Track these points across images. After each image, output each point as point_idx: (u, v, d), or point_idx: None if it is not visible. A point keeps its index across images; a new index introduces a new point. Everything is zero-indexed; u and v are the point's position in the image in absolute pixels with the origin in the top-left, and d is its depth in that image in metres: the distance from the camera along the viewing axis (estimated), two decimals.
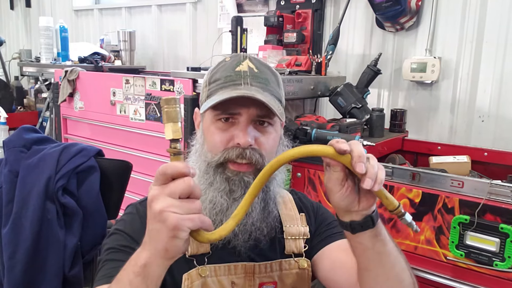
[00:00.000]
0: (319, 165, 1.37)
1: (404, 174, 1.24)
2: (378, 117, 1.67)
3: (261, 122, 0.79)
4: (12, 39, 4.13)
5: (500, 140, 1.74)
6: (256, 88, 0.77)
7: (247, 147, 0.76)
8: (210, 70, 0.84)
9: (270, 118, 0.79)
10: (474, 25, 1.76)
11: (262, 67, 0.82)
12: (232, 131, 0.78)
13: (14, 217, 1.12)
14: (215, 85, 0.79)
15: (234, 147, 0.77)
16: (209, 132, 0.80)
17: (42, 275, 1.11)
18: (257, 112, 0.77)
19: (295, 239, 0.88)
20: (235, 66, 0.79)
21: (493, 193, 1.10)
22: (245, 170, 0.77)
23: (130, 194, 2.01)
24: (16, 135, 1.21)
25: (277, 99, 0.80)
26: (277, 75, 0.84)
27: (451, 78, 1.84)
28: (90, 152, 1.18)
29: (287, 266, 0.85)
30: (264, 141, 0.79)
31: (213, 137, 0.79)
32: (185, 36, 2.82)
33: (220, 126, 0.78)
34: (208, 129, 0.80)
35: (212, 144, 0.79)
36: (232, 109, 0.77)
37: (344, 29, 2.01)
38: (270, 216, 0.82)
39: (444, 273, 1.17)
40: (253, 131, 0.78)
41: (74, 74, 2.21)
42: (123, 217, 0.86)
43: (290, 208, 0.92)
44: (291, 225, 0.89)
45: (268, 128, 0.80)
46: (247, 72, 0.79)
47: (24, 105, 3.23)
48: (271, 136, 0.81)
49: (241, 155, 0.76)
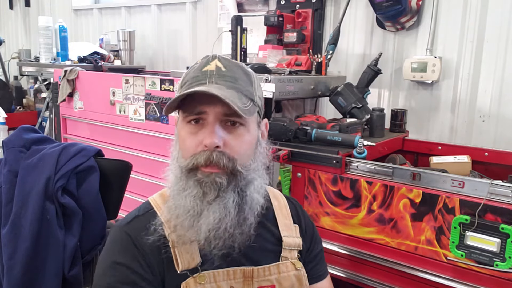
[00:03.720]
0: (319, 165, 1.36)
1: (404, 174, 1.24)
2: (379, 117, 1.66)
3: (231, 122, 0.76)
4: (11, 39, 4.12)
5: (501, 140, 1.74)
6: (220, 85, 0.75)
7: (214, 149, 0.74)
8: (183, 74, 0.83)
9: (238, 116, 0.75)
10: (475, 24, 1.76)
11: (232, 66, 0.79)
12: (201, 134, 0.76)
13: (14, 217, 1.12)
14: (185, 87, 0.78)
15: (202, 151, 0.75)
16: (180, 137, 0.79)
17: (42, 276, 1.11)
18: (223, 110, 0.74)
19: (290, 250, 0.87)
20: (203, 67, 0.78)
21: (494, 193, 1.10)
22: (216, 171, 0.75)
23: (130, 194, 2.00)
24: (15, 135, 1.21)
25: (246, 97, 0.77)
26: (249, 74, 0.82)
27: (451, 78, 1.84)
28: (90, 152, 1.18)
29: (284, 268, 0.85)
30: (234, 143, 0.76)
31: (184, 142, 0.78)
32: (185, 36, 2.81)
33: (191, 129, 0.77)
34: (180, 134, 0.79)
35: (183, 149, 0.78)
36: (198, 108, 0.75)
37: (344, 29, 2.00)
38: (246, 223, 0.78)
39: (445, 274, 1.16)
40: (221, 131, 0.75)
41: (73, 74, 2.21)
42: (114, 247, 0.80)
43: (286, 215, 0.91)
44: (288, 235, 0.88)
45: (239, 129, 0.77)
46: (214, 71, 0.77)
47: (23, 105, 3.23)
48: (243, 138, 0.78)
49: (209, 160, 0.74)
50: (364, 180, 1.28)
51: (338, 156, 1.33)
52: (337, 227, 1.34)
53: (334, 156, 1.33)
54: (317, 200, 1.38)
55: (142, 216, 0.83)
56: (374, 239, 1.27)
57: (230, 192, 0.76)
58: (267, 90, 1.53)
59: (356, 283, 1.33)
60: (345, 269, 1.34)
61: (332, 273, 1.37)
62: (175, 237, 0.77)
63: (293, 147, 1.42)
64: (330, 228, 1.36)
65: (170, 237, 0.78)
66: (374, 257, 1.28)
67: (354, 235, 1.31)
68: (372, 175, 1.30)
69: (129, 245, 0.78)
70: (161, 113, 1.86)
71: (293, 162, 1.42)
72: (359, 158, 1.35)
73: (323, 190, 1.36)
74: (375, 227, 1.27)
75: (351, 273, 1.33)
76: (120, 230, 0.82)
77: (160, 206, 0.84)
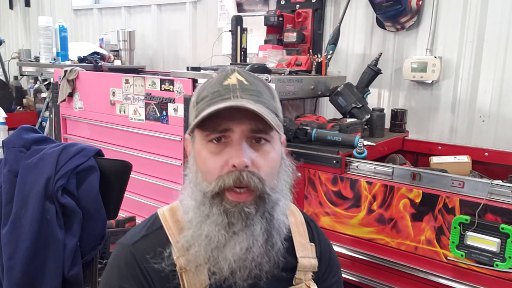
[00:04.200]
0: (319, 165, 1.36)
1: (404, 174, 1.24)
2: (379, 117, 1.66)
3: (257, 139, 0.70)
4: (11, 39, 4.12)
5: (501, 140, 1.74)
6: (247, 100, 0.69)
7: (244, 169, 0.67)
8: (197, 89, 0.77)
9: (266, 133, 0.70)
10: (475, 24, 1.76)
11: (253, 80, 0.74)
12: (225, 153, 0.69)
13: (14, 217, 1.12)
14: (203, 103, 0.71)
15: (230, 172, 0.68)
16: (200, 158, 0.72)
17: (42, 276, 1.11)
18: (251, 126, 0.69)
19: (305, 272, 0.81)
20: (223, 80, 0.72)
21: (494, 193, 1.10)
22: (244, 199, 0.69)
23: (130, 194, 2.00)
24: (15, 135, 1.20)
25: (272, 112, 0.72)
26: (270, 88, 0.77)
27: (451, 78, 1.84)
28: (90, 152, 1.18)
29: None
30: (262, 162, 0.70)
31: (206, 163, 0.70)
32: (185, 36, 2.81)
33: (212, 148, 0.70)
34: (199, 155, 0.72)
35: (205, 171, 0.71)
36: (223, 125, 0.68)
37: (344, 29, 2.00)
38: (274, 249, 0.73)
39: (445, 274, 1.16)
40: (249, 149, 0.69)
41: (73, 74, 2.21)
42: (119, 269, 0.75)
43: (302, 233, 0.85)
44: (304, 255, 0.82)
45: (265, 146, 0.71)
46: (236, 85, 0.71)
47: (23, 105, 3.23)
48: (270, 155, 0.72)
49: (238, 180, 0.67)
50: (364, 180, 1.28)
51: (338, 156, 1.33)
52: (337, 227, 1.34)
53: (334, 156, 1.34)
54: (317, 200, 1.38)
55: (151, 235, 0.77)
56: (374, 239, 1.27)
57: (257, 219, 0.70)
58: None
59: (356, 283, 1.33)
60: (345, 269, 1.34)
61: None
62: (184, 261, 0.73)
63: (293, 147, 1.42)
64: (330, 228, 1.36)
65: (178, 261, 0.73)
66: (374, 257, 1.28)
67: (354, 235, 1.31)
68: (372, 175, 1.30)
69: (135, 269, 0.74)
70: (161, 113, 1.86)
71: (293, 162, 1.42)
72: (359, 158, 1.35)
73: (323, 190, 1.36)
74: (375, 227, 1.27)
75: (351, 273, 1.33)
76: (126, 249, 0.76)
77: (169, 223, 0.78)
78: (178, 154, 1.83)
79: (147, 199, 2.01)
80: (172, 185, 1.89)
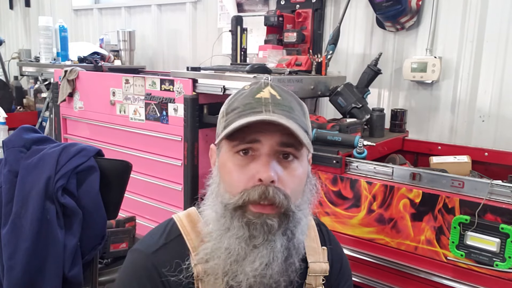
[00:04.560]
0: (319, 165, 1.36)
1: (404, 174, 1.24)
2: (379, 117, 1.66)
3: (285, 155, 0.69)
4: (12, 39, 4.12)
5: (500, 140, 1.74)
6: (279, 115, 0.68)
7: (270, 184, 0.66)
8: (227, 100, 0.75)
9: (296, 149, 0.69)
10: (475, 24, 1.76)
11: (286, 95, 0.73)
12: (252, 167, 0.68)
13: (14, 217, 1.12)
14: (233, 114, 0.70)
15: (255, 186, 0.67)
16: (225, 170, 0.71)
17: (42, 276, 1.11)
18: (281, 139, 0.68)
19: (316, 276, 0.80)
20: (255, 93, 0.71)
21: (494, 193, 1.10)
22: (268, 212, 0.67)
23: (130, 194, 2.00)
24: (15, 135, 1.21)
25: (303, 129, 0.70)
26: (302, 105, 0.76)
27: (451, 78, 1.84)
28: (90, 152, 1.18)
29: None
30: (288, 178, 0.69)
31: (231, 175, 0.69)
32: (185, 36, 2.81)
33: (238, 161, 0.69)
34: (224, 166, 0.71)
35: (229, 183, 0.70)
36: (252, 136, 0.68)
37: (344, 29, 2.00)
38: (292, 269, 0.72)
39: (445, 274, 1.16)
40: (276, 165, 0.68)
41: (73, 74, 2.21)
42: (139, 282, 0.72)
43: (313, 238, 0.84)
44: (314, 260, 0.81)
45: (293, 163, 0.70)
46: (269, 99, 0.70)
47: (23, 105, 3.23)
48: (297, 172, 0.70)
49: (264, 195, 0.66)
50: (364, 180, 1.28)
51: (338, 156, 1.33)
52: (337, 227, 1.34)
53: (334, 156, 1.34)
54: (317, 200, 1.38)
55: (170, 243, 0.75)
56: (374, 239, 1.27)
57: (279, 235, 0.69)
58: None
59: (355, 283, 1.33)
60: None
61: None
62: (201, 269, 0.72)
63: None
64: (330, 228, 1.35)
65: (195, 268, 0.72)
66: (374, 257, 1.28)
67: (354, 235, 1.31)
68: (372, 175, 1.30)
69: (155, 281, 0.72)
70: (161, 113, 1.86)
71: None
72: (359, 158, 1.35)
73: (323, 190, 1.36)
74: (375, 227, 1.27)
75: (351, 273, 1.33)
76: (147, 259, 0.73)
77: (187, 229, 0.76)
78: (178, 154, 1.83)
79: (147, 199, 2.02)
80: (172, 185, 1.89)
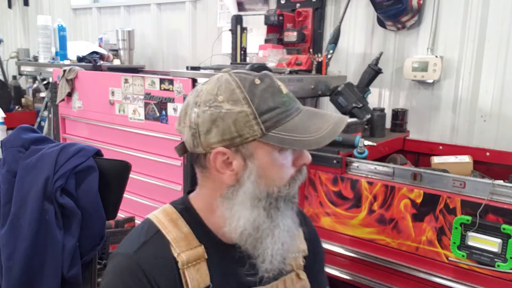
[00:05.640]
0: (319, 165, 1.36)
1: (405, 174, 1.24)
2: (379, 116, 1.66)
3: None
4: (10, 38, 4.11)
5: (502, 140, 1.74)
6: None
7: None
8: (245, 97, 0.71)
9: None
10: (476, 23, 1.75)
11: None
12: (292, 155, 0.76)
13: (12, 217, 1.11)
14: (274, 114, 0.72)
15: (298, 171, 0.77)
16: (273, 167, 0.74)
17: (41, 276, 1.10)
18: None
19: (296, 257, 0.85)
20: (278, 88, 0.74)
21: (495, 193, 1.09)
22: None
23: (129, 194, 2.00)
24: (14, 135, 1.20)
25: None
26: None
27: (452, 77, 1.83)
28: (89, 152, 1.17)
29: (290, 282, 0.83)
30: None
31: (282, 170, 0.75)
32: (185, 35, 2.81)
33: (290, 156, 0.75)
34: (273, 163, 0.73)
35: (281, 177, 0.75)
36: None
37: (345, 28, 2.00)
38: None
39: (446, 274, 1.16)
40: None
41: (72, 73, 2.20)
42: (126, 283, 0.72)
43: None
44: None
45: None
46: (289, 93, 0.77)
47: (22, 105, 3.22)
48: None
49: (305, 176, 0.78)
50: (365, 180, 1.27)
51: (339, 156, 1.33)
52: (337, 228, 1.34)
53: (335, 156, 1.33)
54: (318, 200, 1.37)
55: (151, 240, 0.76)
56: (375, 239, 1.27)
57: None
58: None
59: (356, 284, 1.32)
60: (345, 269, 1.34)
61: (333, 274, 1.36)
62: (185, 257, 0.74)
63: None
64: (330, 229, 1.35)
65: (178, 258, 0.74)
66: (375, 258, 1.27)
67: (355, 235, 1.31)
68: (372, 175, 1.29)
69: (141, 280, 0.71)
70: (160, 112, 1.85)
71: None
72: (360, 158, 1.34)
73: (324, 190, 1.35)
74: (376, 228, 1.26)
75: (352, 273, 1.32)
76: (129, 259, 0.73)
77: (165, 223, 0.77)
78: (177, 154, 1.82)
79: (146, 199, 2.01)
80: (171, 185, 1.88)
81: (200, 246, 0.75)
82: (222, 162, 0.73)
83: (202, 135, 0.72)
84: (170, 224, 0.77)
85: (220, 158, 0.73)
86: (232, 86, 0.72)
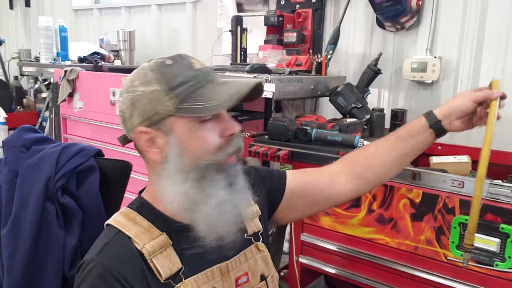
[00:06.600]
0: (319, 165, 1.36)
1: (404, 174, 1.24)
2: (379, 117, 1.66)
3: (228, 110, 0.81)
4: (12, 39, 4.12)
5: (500, 140, 1.74)
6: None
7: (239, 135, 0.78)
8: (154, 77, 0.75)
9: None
10: (475, 24, 1.75)
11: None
12: (218, 126, 0.77)
13: (14, 217, 1.12)
14: (186, 87, 0.74)
15: (228, 140, 0.77)
16: (194, 139, 0.75)
17: (42, 276, 1.11)
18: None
19: (252, 219, 0.89)
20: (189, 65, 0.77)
21: (494, 193, 1.10)
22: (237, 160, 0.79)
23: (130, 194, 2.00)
24: (15, 135, 1.20)
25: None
26: None
27: (451, 78, 1.84)
28: (90, 152, 1.17)
29: (250, 254, 0.86)
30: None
31: (206, 140, 0.75)
32: (185, 36, 2.81)
33: (210, 126, 0.76)
34: (193, 135, 0.75)
35: (206, 148, 0.75)
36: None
37: (344, 29, 2.00)
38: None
39: (445, 274, 1.17)
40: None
41: (73, 74, 2.21)
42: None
43: None
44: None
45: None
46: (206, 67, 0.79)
47: (23, 105, 3.23)
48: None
49: (238, 145, 0.78)
50: None
51: (338, 156, 1.33)
52: (337, 227, 1.34)
53: (334, 156, 1.33)
54: None
55: (111, 241, 0.76)
56: (374, 239, 1.27)
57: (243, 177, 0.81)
58: (267, 90, 1.53)
59: (355, 283, 1.33)
60: (344, 268, 1.34)
61: (332, 273, 1.37)
62: (149, 247, 0.74)
63: (293, 147, 1.42)
64: (330, 228, 1.36)
65: (143, 250, 0.74)
66: (374, 257, 1.28)
67: (354, 235, 1.31)
68: None
69: (107, 279, 0.71)
70: None
71: (293, 162, 1.42)
72: None
73: None
74: (375, 227, 1.27)
75: (351, 272, 1.33)
76: (92, 263, 0.73)
77: (122, 222, 0.78)
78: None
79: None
80: None
81: (162, 234, 0.76)
82: (146, 141, 0.77)
83: (127, 120, 0.78)
84: (129, 222, 0.78)
85: (143, 137, 0.77)
86: (146, 70, 0.77)
